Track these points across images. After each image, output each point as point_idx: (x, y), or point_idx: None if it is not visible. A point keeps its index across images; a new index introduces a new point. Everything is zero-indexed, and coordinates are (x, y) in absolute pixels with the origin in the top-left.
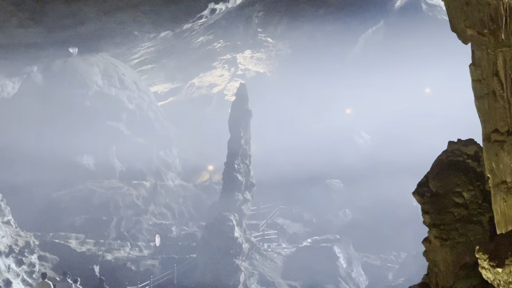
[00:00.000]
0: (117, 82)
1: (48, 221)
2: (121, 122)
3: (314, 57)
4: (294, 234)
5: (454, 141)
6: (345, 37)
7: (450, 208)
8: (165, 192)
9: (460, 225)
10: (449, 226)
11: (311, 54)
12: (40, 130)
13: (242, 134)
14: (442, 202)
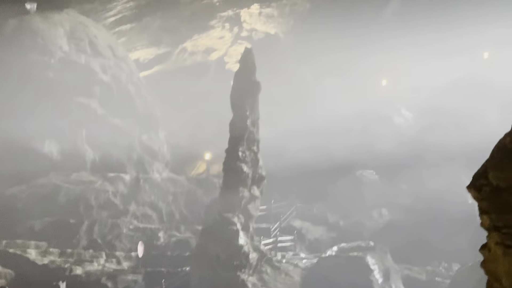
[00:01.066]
0: (88, 46)
1: (1, 226)
2: (93, 98)
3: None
4: (315, 240)
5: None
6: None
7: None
8: (149, 188)
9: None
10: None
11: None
12: None
13: (248, 113)
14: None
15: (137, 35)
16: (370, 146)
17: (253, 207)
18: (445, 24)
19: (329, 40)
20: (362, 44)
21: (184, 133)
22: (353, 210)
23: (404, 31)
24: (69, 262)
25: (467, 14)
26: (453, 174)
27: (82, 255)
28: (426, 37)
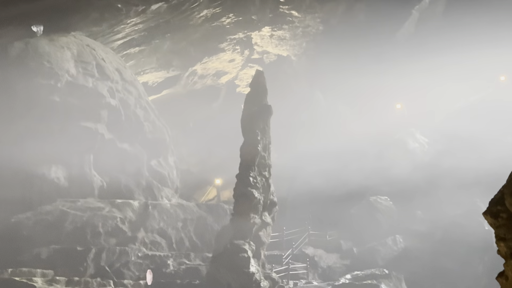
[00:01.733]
0: (95, 70)
1: (6, 253)
2: (101, 122)
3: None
4: (328, 268)
5: None
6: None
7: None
8: (158, 214)
9: None
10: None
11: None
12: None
13: (259, 138)
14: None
15: (146, 58)
16: (384, 172)
17: (265, 234)
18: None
19: (342, 62)
20: (376, 67)
21: (194, 158)
22: (367, 237)
23: (418, 54)
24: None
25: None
26: (470, 200)
27: (90, 283)
28: (441, 60)
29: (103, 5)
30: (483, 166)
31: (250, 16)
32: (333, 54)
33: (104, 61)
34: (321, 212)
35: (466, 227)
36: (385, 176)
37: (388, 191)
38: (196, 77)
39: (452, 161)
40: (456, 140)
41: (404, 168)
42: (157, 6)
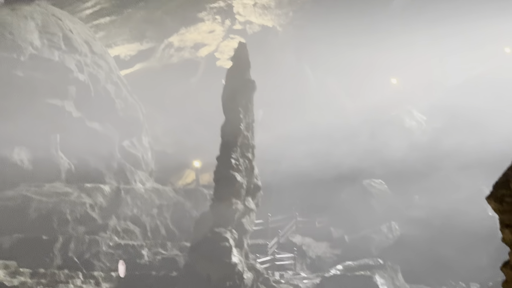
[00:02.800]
0: (62, 42)
1: None
2: (68, 99)
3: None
4: (318, 258)
5: None
6: None
7: None
8: (132, 200)
9: None
10: None
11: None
12: None
13: (241, 116)
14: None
15: (117, 29)
16: (379, 153)
17: (248, 221)
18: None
19: (332, 34)
20: (369, 39)
21: (170, 138)
22: (359, 224)
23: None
24: (41, 283)
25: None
26: (472, 184)
27: (57, 275)
28: (441, 31)
29: None
30: (487, 146)
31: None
32: (322, 25)
33: (71, 32)
34: (309, 197)
35: (468, 213)
36: (380, 158)
37: (382, 173)
38: (173, 49)
39: (453, 141)
40: (457, 118)
41: (400, 149)
42: None
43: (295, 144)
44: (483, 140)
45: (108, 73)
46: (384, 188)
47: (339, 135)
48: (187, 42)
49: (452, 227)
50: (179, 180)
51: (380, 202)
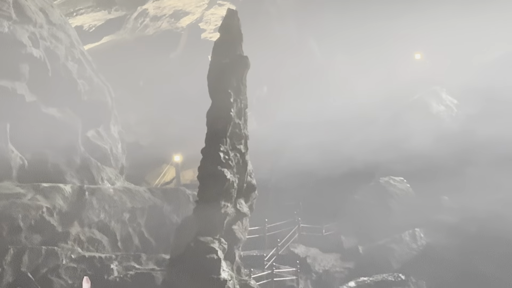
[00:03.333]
0: (12, 10)
1: None
2: (20, 80)
3: None
4: (325, 273)
5: None
6: None
7: None
8: (98, 203)
9: None
10: None
11: None
12: None
13: (232, 100)
14: None
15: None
16: (400, 144)
17: (240, 228)
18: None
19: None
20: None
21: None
22: (376, 232)
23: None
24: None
25: None
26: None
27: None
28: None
29: None
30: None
31: None
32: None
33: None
34: (315, 199)
35: (508, 218)
36: (401, 150)
37: (404, 169)
38: (148, 19)
39: (491, 130)
40: (495, 102)
41: (426, 139)
42: None
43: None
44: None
45: (69, 47)
46: (406, 187)
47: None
48: (165, 9)
49: (490, 234)
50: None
51: (401, 204)
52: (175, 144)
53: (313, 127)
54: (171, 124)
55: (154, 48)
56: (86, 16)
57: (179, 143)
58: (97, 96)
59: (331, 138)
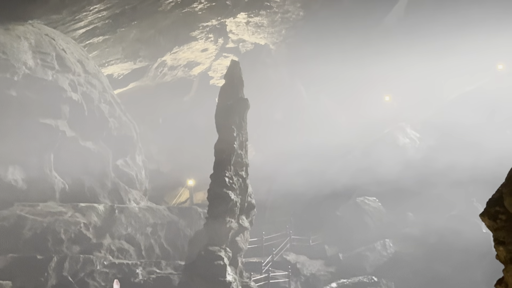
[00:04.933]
0: (55, 61)
1: None
2: (62, 119)
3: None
4: (312, 276)
5: None
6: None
7: None
8: (126, 219)
9: None
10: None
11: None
12: None
13: (235, 134)
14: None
15: (110, 48)
16: (372, 170)
17: (242, 240)
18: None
19: (325, 51)
20: (363, 55)
21: (164, 157)
22: (354, 242)
23: (409, 42)
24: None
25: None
26: (466, 201)
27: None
28: (434, 48)
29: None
30: (480, 163)
31: (225, 1)
32: (315, 42)
33: (64, 51)
34: (303, 215)
35: (462, 230)
36: (373, 175)
37: (376, 191)
38: (166, 68)
39: (447, 158)
40: (450, 135)
41: (394, 166)
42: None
43: (289, 162)
44: (476, 157)
45: (102, 92)
46: (378, 206)
47: (333, 153)
48: (180, 60)
49: (447, 244)
50: (173, 199)
51: (374, 219)
52: (188, 171)
53: (301, 156)
54: (185, 154)
55: (171, 92)
56: (116, 66)
57: (192, 170)
58: (124, 131)
59: (316, 165)
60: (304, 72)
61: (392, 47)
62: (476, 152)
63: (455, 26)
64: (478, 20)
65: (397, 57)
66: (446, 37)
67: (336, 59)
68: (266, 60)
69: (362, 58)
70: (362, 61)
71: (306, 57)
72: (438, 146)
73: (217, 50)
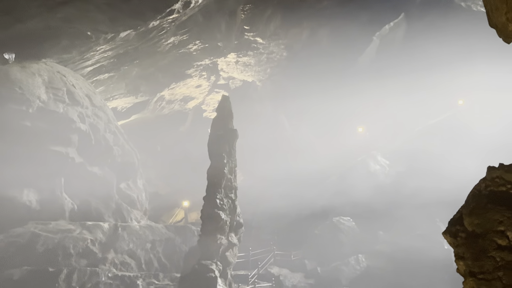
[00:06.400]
0: (66, 96)
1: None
2: (71, 146)
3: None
4: (293, 287)
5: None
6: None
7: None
8: (128, 236)
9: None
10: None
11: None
12: None
13: (225, 161)
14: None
15: (115, 84)
16: (347, 193)
17: (231, 254)
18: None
19: (306, 87)
20: (339, 91)
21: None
22: (330, 257)
23: (379, 79)
24: None
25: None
26: (430, 220)
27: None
28: (402, 85)
29: (73, 32)
30: (443, 187)
31: (216, 43)
32: (297, 79)
33: (74, 87)
34: (286, 233)
35: (426, 247)
36: (348, 198)
37: (351, 212)
38: (164, 102)
39: (413, 183)
40: (417, 162)
41: (366, 190)
42: (126, 33)
43: (273, 186)
44: (439, 182)
45: (107, 123)
46: (352, 225)
47: (312, 178)
48: (177, 95)
49: (413, 259)
50: (170, 218)
51: (349, 237)
52: (183, 193)
53: (284, 180)
54: (180, 178)
55: (168, 123)
56: (119, 100)
57: (187, 192)
58: (127, 158)
59: (297, 189)
60: (287, 105)
61: (365, 84)
62: (439, 178)
63: (421, 66)
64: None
65: (370, 93)
66: (413, 75)
67: (316, 94)
68: (253, 95)
69: (339, 93)
70: (338, 96)
71: (289, 92)
72: (406, 172)
73: (209, 86)
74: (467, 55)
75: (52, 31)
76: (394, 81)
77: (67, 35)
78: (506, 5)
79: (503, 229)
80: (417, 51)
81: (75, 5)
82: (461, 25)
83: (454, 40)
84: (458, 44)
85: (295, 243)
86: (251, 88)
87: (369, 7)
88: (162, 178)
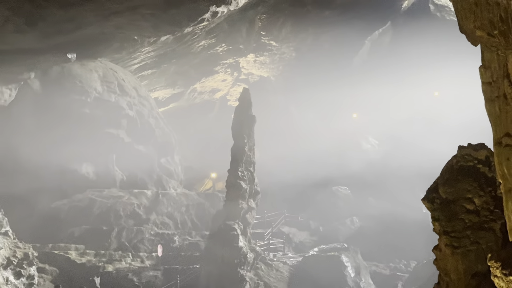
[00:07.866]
0: (117, 88)
1: (47, 232)
2: (121, 129)
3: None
4: (300, 243)
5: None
6: (351, 40)
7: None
8: (167, 201)
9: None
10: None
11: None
12: (38, 138)
13: (246, 141)
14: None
15: (156, 78)
16: (344, 167)
17: (250, 216)
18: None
19: (311, 81)
20: (338, 85)
21: (194, 157)
22: (330, 218)
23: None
24: (102, 261)
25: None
26: (411, 190)
27: (113, 255)
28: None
29: (123, 37)
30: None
31: (238, 46)
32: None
33: (123, 81)
34: (294, 199)
35: (408, 211)
36: (345, 171)
37: (347, 182)
38: (196, 93)
39: (397, 159)
40: (401, 143)
41: (360, 164)
42: (165, 37)
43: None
44: (419, 158)
45: (150, 110)
46: (348, 193)
47: (315, 155)
48: (206, 88)
49: (397, 221)
50: (200, 187)
51: (345, 202)
52: (212, 167)
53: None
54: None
55: (199, 111)
56: (160, 92)
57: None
58: (166, 138)
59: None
60: (295, 96)
61: (359, 79)
62: (419, 156)
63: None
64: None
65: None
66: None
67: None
68: (268, 88)
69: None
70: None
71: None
72: (392, 150)
73: (233, 80)
74: (442, 55)
75: (106, 36)
76: (382, 76)
77: (118, 39)
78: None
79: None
80: (401, 52)
81: (125, 15)
82: (437, 31)
83: (432, 43)
84: (434, 46)
85: (302, 208)
86: (267, 82)
87: (362, 16)
88: (195, 155)
